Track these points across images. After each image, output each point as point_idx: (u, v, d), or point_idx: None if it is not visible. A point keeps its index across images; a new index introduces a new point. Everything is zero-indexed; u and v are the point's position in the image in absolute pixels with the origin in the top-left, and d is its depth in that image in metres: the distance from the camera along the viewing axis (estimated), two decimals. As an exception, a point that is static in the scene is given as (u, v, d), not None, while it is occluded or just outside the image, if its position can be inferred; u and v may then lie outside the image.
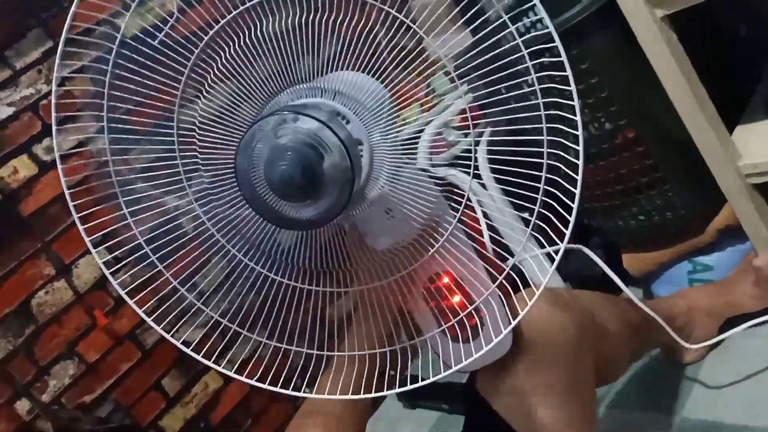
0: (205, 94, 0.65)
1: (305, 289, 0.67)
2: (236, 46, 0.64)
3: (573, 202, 0.59)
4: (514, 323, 0.65)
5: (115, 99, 0.67)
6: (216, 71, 0.64)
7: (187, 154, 0.67)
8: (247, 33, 0.63)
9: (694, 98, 0.93)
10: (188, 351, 0.67)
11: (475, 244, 0.69)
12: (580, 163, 0.61)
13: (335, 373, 0.71)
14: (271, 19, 0.63)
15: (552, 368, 0.76)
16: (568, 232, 0.59)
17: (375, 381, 0.71)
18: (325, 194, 0.58)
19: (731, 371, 1.04)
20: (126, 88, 0.67)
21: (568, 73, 0.60)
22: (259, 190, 0.60)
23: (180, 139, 0.67)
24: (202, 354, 0.69)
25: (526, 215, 0.87)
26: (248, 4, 0.63)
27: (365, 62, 0.63)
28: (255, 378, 0.67)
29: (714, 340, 1.01)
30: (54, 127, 0.69)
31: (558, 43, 0.61)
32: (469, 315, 0.67)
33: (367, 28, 0.62)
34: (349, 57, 0.63)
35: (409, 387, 0.67)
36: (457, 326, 0.68)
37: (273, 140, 0.58)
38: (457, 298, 0.68)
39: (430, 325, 0.70)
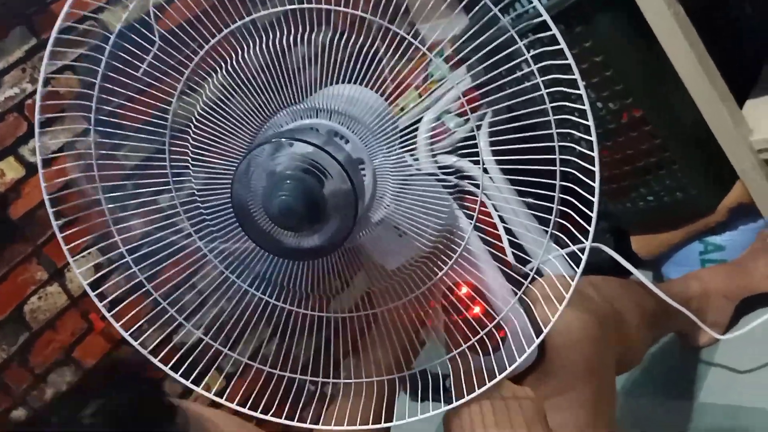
0: (196, 118, 0.62)
1: (308, 315, 0.65)
2: (227, 68, 0.61)
3: (593, 196, 0.56)
4: (538, 341, 0.61)
5: (102, 101, 0.64)
6: (206, 97, 0.62)
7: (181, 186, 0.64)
8: (235, 56, 0.61)
9: (704, 73, 0.90)
10: (171, 372, 0.64)
11: (491, 248, 0.65)
12: (595, 153, 0.58)
13: (354, 399, 0.67)
14: (264, 39, 0.60)
15: (574, 377, 0.73)
16: (590, 232, 0.56)
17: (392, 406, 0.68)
18: (328, 221, 0.56)
19: (748, 354, 1.01)
20: (116, 92, 0.64)
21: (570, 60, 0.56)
22: (258, 220, 0.57)
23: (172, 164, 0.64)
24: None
25: (529, 201, 0.84)
26: (238, 24, 0.60)
27: (364, 76, 0.61)
28: (260, 410, 0.64)
29: (744, 330, 0.98)
30: (37, 129, 0.66)
31: (547, 18, 0.57)
32: (496, 327, 0.64)
33: (367, 45, 0.59)
34: (346, 72, 0.61)
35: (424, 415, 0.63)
36: (478, 340, 0.65)
37: (270, 168, 0.56)
38: (477, 309, 0.65)
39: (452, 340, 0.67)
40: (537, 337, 0.61)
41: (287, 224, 0.55)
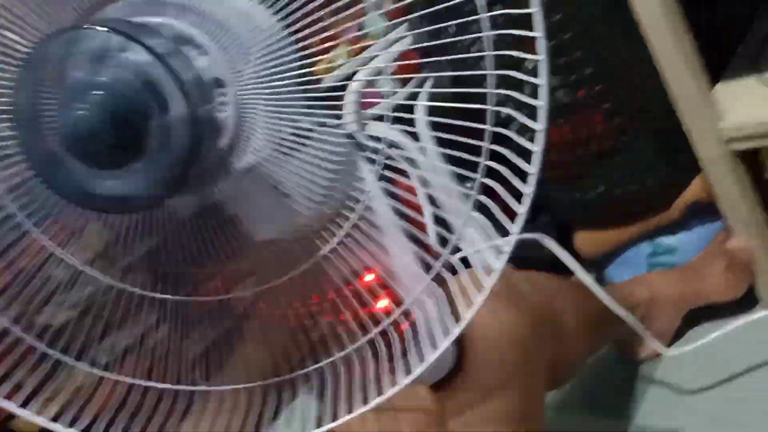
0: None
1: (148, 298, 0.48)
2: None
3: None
4: (447, 341, 0.45)
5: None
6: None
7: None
8: None
9: (679, 45, 0.77)
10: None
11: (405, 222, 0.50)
12: (543, 103, 0.44)
13: (210, 411, 0.51)
14: None
15: (493, 384, 0.60)
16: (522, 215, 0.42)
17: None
18: (148, 161, 0.39)
19: (693, 371, 0.89)
20: None
21: None
22: (51, 140, 0.40)
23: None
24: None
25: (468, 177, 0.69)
26: None
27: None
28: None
29: (692, 347, 0.86)
30: None
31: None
32: (396, 322, 0.48)
33: None
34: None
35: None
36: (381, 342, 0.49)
37: (86, 72, 0.39)
38: (385, 303, 0.48)
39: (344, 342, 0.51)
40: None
41: (78, 152, 0.38)
